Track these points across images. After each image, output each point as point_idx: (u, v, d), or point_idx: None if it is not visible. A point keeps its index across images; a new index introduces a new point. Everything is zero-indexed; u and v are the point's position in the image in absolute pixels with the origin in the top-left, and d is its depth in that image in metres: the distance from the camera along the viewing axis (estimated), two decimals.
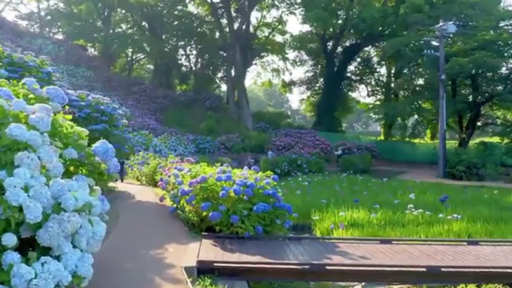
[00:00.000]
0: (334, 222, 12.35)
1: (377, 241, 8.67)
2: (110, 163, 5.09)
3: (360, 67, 54.69)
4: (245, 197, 8.50)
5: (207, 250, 7.26)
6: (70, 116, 5.29)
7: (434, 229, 11.49)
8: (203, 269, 6.33)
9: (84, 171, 5.29)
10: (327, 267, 6.51)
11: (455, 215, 12.36)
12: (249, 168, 10.58)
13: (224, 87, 61.39)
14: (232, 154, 35.98)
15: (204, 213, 8.58)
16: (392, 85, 49.70)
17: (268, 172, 10.10)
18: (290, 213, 9.02)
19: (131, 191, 15.37)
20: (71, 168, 5.01)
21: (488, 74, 33.48)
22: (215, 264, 6.41)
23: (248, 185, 8.70)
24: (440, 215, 12.76)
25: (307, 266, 6.50)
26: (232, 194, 8.40)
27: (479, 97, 34.82)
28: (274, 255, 7.10)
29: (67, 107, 5.71)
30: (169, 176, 12.46)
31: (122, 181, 18.40)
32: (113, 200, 12.79)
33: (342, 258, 7.08)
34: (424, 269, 6.66)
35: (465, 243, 8.84)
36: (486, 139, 37.74)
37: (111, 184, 16.02)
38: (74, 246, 3.94)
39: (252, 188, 8.66)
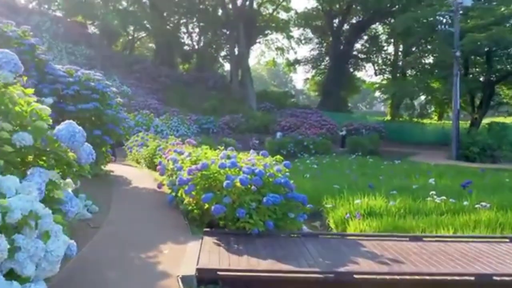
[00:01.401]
0: (349, 210, 11.20)
1: (406, 238, 7.50)
2: (80, 151, 3.87)
3: (367, 45, 53.04)
4: (253, 187, 7.29)
5: (209, 252, 6.08)
6: (31, 90, 4.05)
7: (460, 219, 10.30)
8: (204, 279, 5.18)
9: (53, 162, 4.08)
10: (356, 276, 5.34)
11: (483, 203, 11.18)
12: (254, 149, 9.39)
13: (227, 66, 60.07)
14: (236, 134, 34.86)
15: (206, 206, 7.39)
16: (400, 63, 48.27)
17: (278, 157, 8.91)
18: (304, 205, 7.82)
19: (128, 176, 14.21)
20: (29, 159, 3.80)
21: (504, 51, 31.88)
22: (219, 273, 5.25)
23: (256, 173, 7.49)
24: (465, 203, 11.60)
25: (331, 275, 5.33)
26: (238, 184, 7.18)
27: (493, 76, 33.35)
28: (289, 258, 5.93)
29: (24, 79, 4.44)
30: (168, 160, 11.26)
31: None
32: (107, 187, 11.66)
33: (371, 263, 5.91)
34: (472, 278, 5.50)
35: (507, 240, 7.65)
36: (497, 120, 36.37)
37: (107, 168, 14.94)
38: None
39: (261, 177, 7.45)
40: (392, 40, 49.46)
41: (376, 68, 53.38)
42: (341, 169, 19.89)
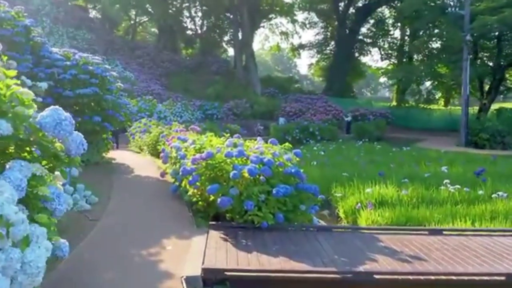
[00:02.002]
0: (359, 200, 10.76)
1: (425, 231, 7.01)
2: (69, 141, 3.38)
3: (373, 29, 52.05)
4: (261, 177, 6.79)
5: (216, 249, 5.61)
6: (14, 72, 3.54)
7: (476, 209, 9.86)
8: (211, 280, 4.73)
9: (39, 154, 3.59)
10: (376, 276, 4.87)
11: (499, 193, 10.69)
12: (259, 135, 8.86)
13: (231, 51, 59.25)
14: (241, 120, 34.38)
15: (211, 198, 6.91)
16: (406, 48, 47.44)
17: (286, 144, 8.43)
18: (316, 196, 7.33)
19: (130, 164, 13.75)
20: (10, 150, 3.32)
21: None
22: (227, 273, 4.79)
23: (265, 163, 6.99)
24: (480, 192, 11.11)
25: (349, 275, 4.86)
26: (246, 174, 6.67)
27: (503, 60, 32.56)
28: (301, 255, 5.46)
29: (4, 58, 3.93)
30: (171, 147, 10.78)
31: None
32: (108, 175, 11.22)
33: (391, 260, 5.43)
34: (503, 278, 5.03)
35: None
36: (506, 105, 35.65)
37: (108, 155, 14.49)
38: None
39: (270, 166, 6.95)
40: (399, 24, 48.51)
41: (382, 53, 52.51)
42: (348, 156, 19.42)
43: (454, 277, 4.98)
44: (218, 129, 23.90)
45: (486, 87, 34.89)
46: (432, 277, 4.94)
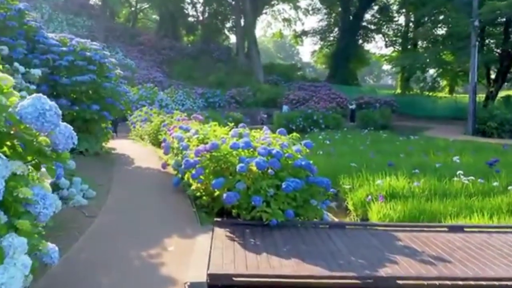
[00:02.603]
0: (369, 192, 10.31)
1: (444, 228, 6.56)
2: (56, 134, 2.91)
3: (378, 16, 51.23)
4: (270, 170, 6.34)
5: (222, 250, 5.16)
6: None
7: (492, 201, 9.40)
8: (218, 286, 4.29)
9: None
10: (399, 282, 4.42)
11: None
12: (262, 124, 8.39)
13: (233, 38, 58.53)
14: (244, 108, 33.88)
15: (217, 192, 6.45)
16: (410, 35, 46.73)
17: (294, 134, 7.98)
18: (328, 190, 6.87)
19: (131, 154, 13.29)
20: None
21: None
22: (235, 279, 4.35)
23: (273, 154, 6.53)
24: (495, 183, 10.65)
25: (370, 280, 4.42)
26: (254, 168, 6.21)
27: (510, 47, 31.89)
28: (315, 257, 5.01)
29: None
30: (173, 137, 10.31)
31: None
32: (108, 167, 10.78)
33: (413, 262, 4.98)
34: None
35: None
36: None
37: (108, 145, 14.05)
38: None
39: (279, 159, 6.49)
40: (404, 11, 47.74)
41: (387, 40, 51.76)
42: (354, 145, 18.95)
43: (484, 282, 4.54)
44: (221, 118, 23.45)
45: (492, 75, 34.29)
46: (460, 282, 4.49)
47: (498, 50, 33.16)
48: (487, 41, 34.26)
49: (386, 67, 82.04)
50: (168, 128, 12.29)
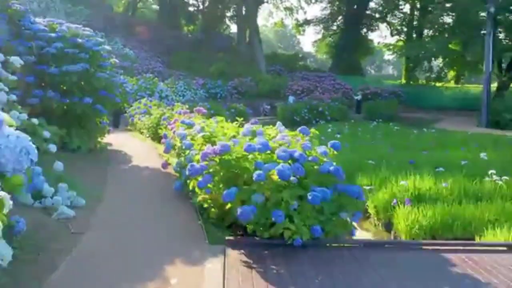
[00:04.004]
0: (391, 193, 9.25)
1: (503, 246, 5.50)
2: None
3: (382, 4, 49.91)
4: (292, 177, 5.24)
5: (239, 283, 4.09)
6: None
7: None
8: None
9: None
10: None
11: None
12: (265, 115, 7.29)
13: (234, 28, 57.27)
14: (246, 100, 32.73)
15: (228, 205, 5.36)
16: (415, 23, 45.54)
17: (313, 130, 6.91)
18: (361, 200, 5.77)
19: (128, 150, 12.21)
20: None
21: None
22: None
23: (296, 158, 5.45)
24: None
25: None
26: (275, 177, 5.12)
27: None
28: None
29: None
30: (174, 132, 9.23)
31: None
32: (102, 166, 9.70)
33: None
34: None
35: None
36: None
37: (104, 141, 12.98)
38: None
39: (302, 163, 5.41)
40: None
41: (392, 28, 50.54)
42: (364, 139, 17.88)
43: None
44: (223, 110, 22.39)
45: (505, 64, 33.15)
46: None
47: (508, 39, 31.97)
48: (499, 29, 33.01)
49: (387, 57, 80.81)
50: (169, 122, 11.21)
